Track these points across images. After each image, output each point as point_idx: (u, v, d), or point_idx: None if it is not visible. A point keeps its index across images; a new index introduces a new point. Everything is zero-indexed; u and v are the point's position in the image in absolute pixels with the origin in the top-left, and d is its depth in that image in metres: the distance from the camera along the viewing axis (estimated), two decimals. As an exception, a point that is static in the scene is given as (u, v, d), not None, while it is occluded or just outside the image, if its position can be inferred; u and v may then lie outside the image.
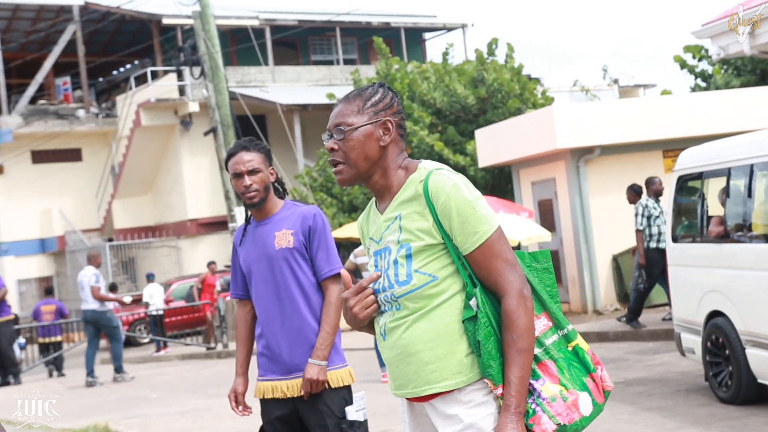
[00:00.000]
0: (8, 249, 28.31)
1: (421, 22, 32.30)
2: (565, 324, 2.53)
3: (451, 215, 2.45)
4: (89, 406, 11.80)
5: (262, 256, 4.02)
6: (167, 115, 27.12)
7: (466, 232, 2.45)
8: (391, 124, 2.58)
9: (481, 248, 2.45)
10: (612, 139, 14.53)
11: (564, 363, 2.48)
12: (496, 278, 2.45)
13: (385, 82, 2.69)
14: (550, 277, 2.61)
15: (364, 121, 2.56)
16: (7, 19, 29.94)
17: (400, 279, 2.51)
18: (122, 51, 30.84)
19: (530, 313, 2.43)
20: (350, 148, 2.55)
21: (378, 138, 2.56)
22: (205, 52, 17.84)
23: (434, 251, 2.49)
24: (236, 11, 28.76)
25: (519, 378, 2.38)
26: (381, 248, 2.59)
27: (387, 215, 2.58)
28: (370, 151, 2.55)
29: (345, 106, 2.60)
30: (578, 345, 2.52)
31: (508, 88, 19.43)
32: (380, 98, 2.60)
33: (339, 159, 2.58)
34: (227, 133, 17.80)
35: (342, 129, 2.56)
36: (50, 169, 28.66)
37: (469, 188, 2.50)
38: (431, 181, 2.49)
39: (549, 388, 2.44)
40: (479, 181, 19.24)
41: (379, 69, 21.59)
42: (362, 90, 2.63)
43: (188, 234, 27.15)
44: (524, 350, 2.40)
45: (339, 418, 3.94)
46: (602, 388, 2.51)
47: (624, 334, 11.83)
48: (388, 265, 2.55)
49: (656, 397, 7.80)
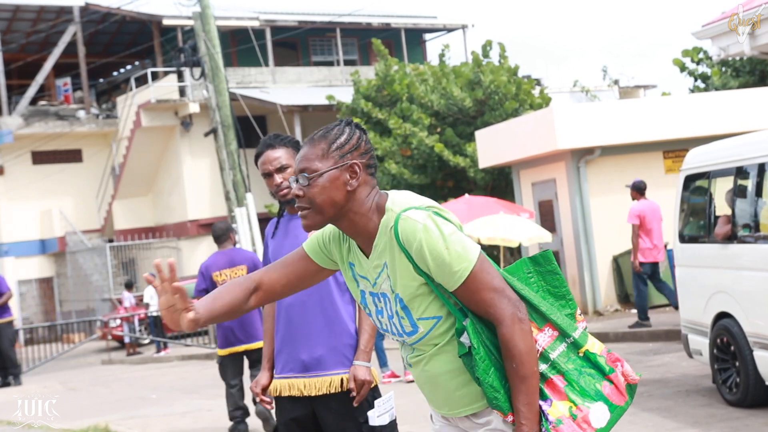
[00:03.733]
0: (8, 250, 28.30)
1: (421, 23, 32.29)
2: (571, 331, 2.46)
3: (427, 260, 2.39)
4: (89, 406, 11.81)
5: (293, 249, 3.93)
6: (167, 116, 27.13)
7: (445, 272, 2.39)
8: (358, 167, 2.48)
9: (465, 285, 2.39)
10: (612, 139, 14.54)
11: (575, 373, 2.43)
12: (486, 309, 2.40)
13: (352, 121, 2.58)
14: (557, 278, 2.55)
15: (329, 166, 2.46)
16: (8, 20, 29.94)
17: (407, 330, 2.51)
18: (122, 52, 30.84)
19: (527, 336, 2.38)
20: (315, 194, 2.47)
21: (345, 182, 2.47)
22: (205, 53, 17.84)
23: (427, 295, 2.45)
24: (237, 12, 28.77)
25: (526, 405, 2.36)
26: (378, 293, 2.55)
27: (373, 262, 2.51)
28: (337, 197, 2.46)
29: (310, 149, 2.50)
30: (588, 350, 2.46)
31: (504, 89, 19.43)
32: (346, 139, 2.50)
33: (305, 205, 2.50)
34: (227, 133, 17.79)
35: (306, 176, 2.47)
36: (51, 170, 28.66)
37: (441, 226, 2.41)
38: (400, 228, 2.41)
39: (556, 408, 2.39)
40: (479, 183, 19.25)
41: (378, 70, 21.59)
42: (328, 131, 2.53)
43: (188, 235, 27.15)
44: (527, 376, 2.36)
45: (360, 422, 3.77)
46: (625, 383, 2.46)
47: (624, 335, 11.84)
48: (392, 314, 2.53)
49: (656, 398, 7.80)
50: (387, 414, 3.72)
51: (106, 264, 26.94)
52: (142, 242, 27.59)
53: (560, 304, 2.53)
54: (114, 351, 20.89)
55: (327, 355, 3.81)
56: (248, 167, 18.18)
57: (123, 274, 27.51)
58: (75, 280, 28.17)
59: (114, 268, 27.11)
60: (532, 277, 2.54)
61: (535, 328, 2.45)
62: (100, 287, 27.10)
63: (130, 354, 19.86)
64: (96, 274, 27.31)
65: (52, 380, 16.08)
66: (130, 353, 19.94)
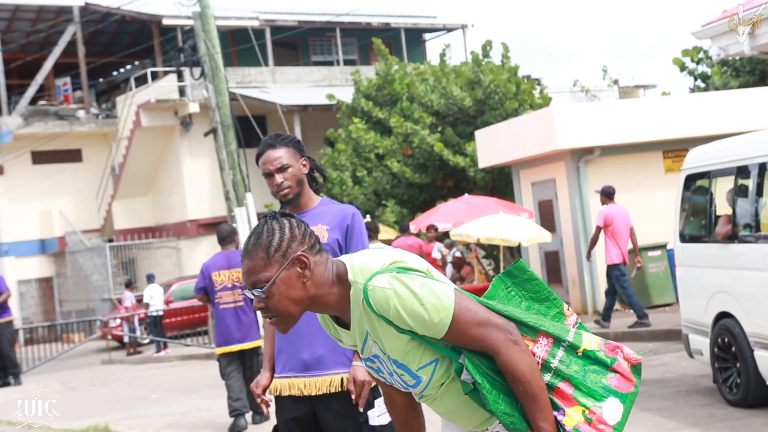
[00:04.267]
0: (8, 250, 28.30)
1: (421, 23, 32.29)
2: (564, 335, 2.46)
3: (406, 321, 2.38)
4: (89, 406, 11.81)
5: None
6: (167, 115, 27.12)
7: (428, 328, 2.39)
8: (305, 257, 2.42)
9: (450, 330, 2.39)
10: (612, 139, 14.54)
11: (579, 375, 2.43)
12: (479, 345, 2.41)
13: (275, 213, 2.51)
14: (536, 283, 2.55)
15: (276, 271, 2.40)
16: (7, 20, 29.94)
17: (410, 383, 2.53)
18: (122, 52, 30.84)
19: (526, 356, 2.38)
20: (277, 302, 2.42)
21: (298, 276, 2.42)
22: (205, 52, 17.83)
23: (418, 347, 2.46)
24: (236, 12, 28.76)
25: (544, 420, 2.37)
26: (370, 356, 2.55)
27: (356, 332, 2.50)
28: (297, 294, 2.42)
29: (250, 262, 2.42)
30: (586, 348, 2.46)
31: (504, 89, 19.43)
32: (280, 237, 2.42)
33: (271, 315, 2.45)
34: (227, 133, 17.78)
35: (260, 290, 2.41)
36: (50, 170, 28.65)
37: (409, 284, 2.37)
38: (371, 300, 2.38)
39: (570, 417, 2.40)
40: (479, 182, 19.24)
41: (378, 70, 21.60)
42: (257, 238, 2.43)
43: (188, 235, 27.14)
44: (536, 394, 2.37)
45: (360, 422, 3.78)
46: (629, 366, 2.46)
47: (624, 334, 11.84)
48: (391, 371, 2.54)
49: (656, 398, 7.80)
50: (387, 414, 3.70)
51: (105, 264, 26.94)
52: (141, 242, 27.58)
53: (546, 306, 2.53)
54: (114, 351, 20.88)
55: (327, 355, 3.79)
56: (248, 167, 18.18)
57: (123, 274, 27.51)
58: (75, 280, 28.16)
59: (114, 268, 27.11)
60: (512, 291, 2.54)
61: (530, 341, 2.45)
62: (99, 287, 27.09)
63: (130, 354, 19.84)
64: (96, 274, 27.31)
65: (52, 380, 16.07)
66: (130, 353, 19.93)
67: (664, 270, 14.22)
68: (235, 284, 8.58)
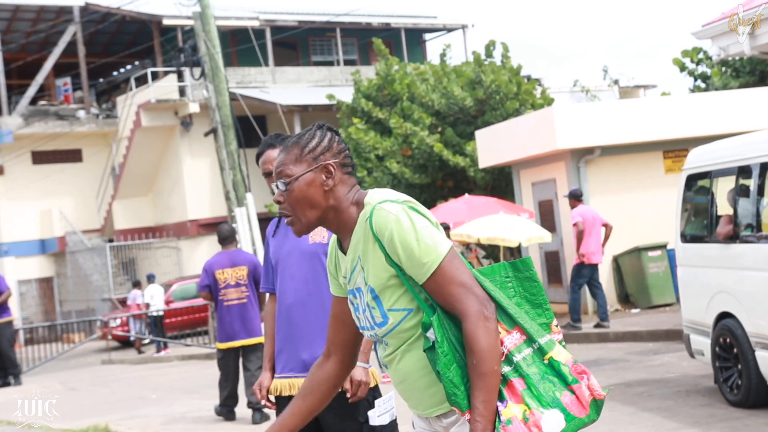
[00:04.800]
0: (8, 250, 28.31)
1: (421, 23, 32.30)
2: (538, 337, 2.44)
3: (397, 249, 2.43)
4: (89, 406, 11.81)
5: (293, 249, 3.92)
6: (167, 115, 27.13)
7: (414, 264, 2.42)
8: (332, 167, 2.56)
9: (433, 277, 2.42)
10: (612, 139, 14.54)
11: (536, 377, 2.40)
12: (453, 304, 2.41)
13: (325, 124, 2.66)
14: (535, 285, 2.54)
15: (304, 170, 2.56)
16: (8, 20, 29.95)
17: (377, 321, 2.53)
18: (122, 52, 30.84)
19: (491, 334, 2.37)
20: (294, 199, 2.56)
21: (321, 183, 2.55)
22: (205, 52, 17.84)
23: (398, 287, 2.48)
24: (236, 12, 28.77)
25: (482, 402, 2.34)
26: (353, 288, 2.60)
27: (349, 256, 2.58)
28: (315, 199, 2.55)
29: (285, 156, 2.60)
30: (553, 357, 2.43)
31: (505, 89, 19.43)
32: (317, 142, 2.58)
33: (287, 211, 2.59)
34: (227, 133, 17.79)
35: (283, 181, 2.57)
36: (51, 170, 28.67)
37: (413, 218, 2.46)
38: (374, 217, 2.47)
39: (510, 410, 2.36)
40: (479, 182, 19.24)
41: (378, 70, 21.59)
42: (300, 136, 2.61)
43: (188, 235, 27.15)
44: (486, 374, 2.34)
45: (361, 422, 3.78)
46: (591, 398, 2.41)
47: (624, 334, 11.85)
48: (365, 307, 2.56)
49: (656, 398, 7.80)
50: (387, 414, 3.70)
51: (106, 264, 26.94)
52: (142, 242, 27.59)
53: (536, 312, 2.52)
54: (114, 351, 20.89)
55: None
56: (248, 167, 18.19)
57: (123, 274, 27.52)
58: (75, 280, 28.17)
59: (114, 268, 27.12)
60: (510, 282, 2.54)
61: (503, 330, 2.44)
62: (100, 287, 27.10)
63: (141, 352, 19.85)
64: (96, 274, 27.32)
65: (52, 380, 16.08)
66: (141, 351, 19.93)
67: (664, 270, 14.22)
68: (239, 282, 8.88)
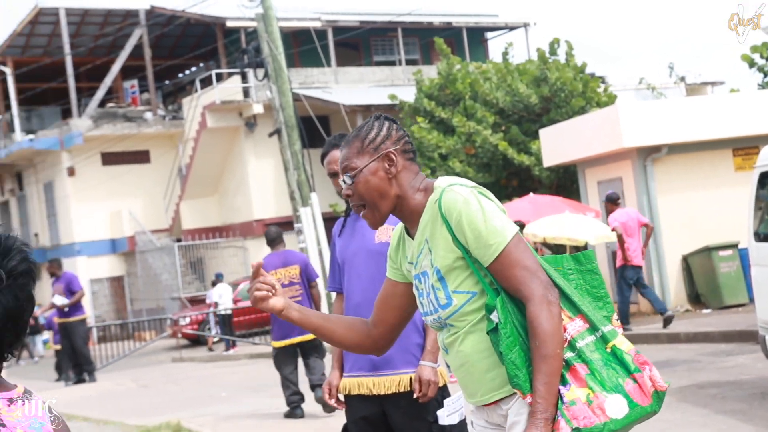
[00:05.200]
0: (81, 249, 28.94)
1: (482, 22, 32.19)
2: (601, 325, 2.49)
3: (465, 230, 2.49)
4: (161, 403, 12.03)
5: (360, 249, 3.95)
6: (232, 116, 27.46)
7: (480, 245, 2.48)
8: (393, 155, 2.62)
9: (498, 259, 2.47)
10: (680, 137, 14.36)
11: (599, 364, 2.44)
12: (517, 287, 2.45)
13: (381, 114, 2.72)
14: (597, 278, 2.58)
15: (367, 161, 2.62)
16: (76, 24, 30.59)
17: (442, 303, 2.57)
18: (187, 54, 31.30)
19: (554, 318, 2.40)
20: (363, 190, 2.63)
21: (385, 172, 2.62)
22: (268, 54, 18.03)
23: (463, 269, 2.53)
24: (299, 13, 28.99)
25: (544, 384, 2.37)
26: (419, 272, 2.65)
27: (417, 240, 2.63)
28: (382, 188, 2.62)
29: (347, 150, 2.67)
30: (616, 345, 2.47)
31: (571, 87, 19.29)
32: (377, 133, 2.65)
33: (358, 203, 2.66)
34: (291, 134, 17.96)
35: (349, 175, 2.64)
36: (119, 171, 29.22)
37: (482, 201, 2.51)
38: (443, 199, 2.53)
39: (573, 392, 2.40)
40: (544, 181, 19.13)
41: (440, 69, 21.59)
42: (359, 130, 2.68)
43: (254, 234, 27.43)
44: (548, 356, 2.37)
45: (430, 422, 3.78)
46: (653, 389, 2.44)
47: (695, 335, 11.68)
48: (429, 290, 2.61)
49: (730, 400, 7.69)
50: (456, 413, 3.71)
51: (174, 263, 27.36)
52: (209, 242, 27.96)
53: (597, 306, 2.55)
54: (184, 349, 21.22)
55: (396, 355, 3.79)
56: (312, 167, 18.33)
57: (191, 273, 27.94)
58: (145, 279, 28.67)
59: (182, 268, 27.52)
60: (572, 274, 2.58)
61: (566, 317, 2.48)
62: (169, 286, 27.54)
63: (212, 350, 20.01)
64: (165, 273, 27.77)
65: (125, 377, 16.41)
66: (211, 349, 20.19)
67: (735, 270, 14.00)
68: (292, 281, 9.16)
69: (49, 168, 30.25)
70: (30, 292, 1.81)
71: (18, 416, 1.76)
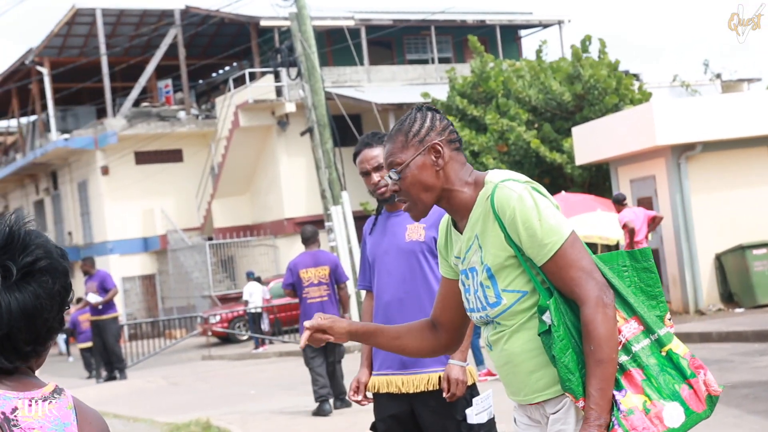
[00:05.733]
0: (113, 248, 29.19)
1: (516, 20, 32.03)
2: (657, 328, 2.41)
3: (519, 229, 2.41)
4: (190, 401, 12.08)
5: (390, 247, 3.93)
6: (264, 115, 27.55)
7: (535, 244, 2.40)
8: (439, 146, 2.54)
9: (553, 259, 2.39)
10: (714, 135, 14.17)
11: (656, 369, 2.37)
12: (572, 288, 2.38)
13: (423, 105, 2.65)
14: (652, 276, 2.50)
15: (412, 155, 2.54)
16: (112, 25, 30.86)
17: (491, 301, 2.50)
18: (221, 53, 31.46)
19: (610, 321, 2.34)
20: (409, 185, 2.55)
21: (432, 164, 2.54)
22: (301, 53, 18.05)
23: (515, 267, 2.46)
24: (332, 12, 29.02)
25: (599, 390, 2.30)
26: (467, 268, 2.58)
27: (466, 235, 2.56)
28: (429, 181, 2.54)
29: (391, 145, 2.59)
30: (671, 350, 2.40)
31: (604, 84, 19.13)
32: (420, 125, 2.57)
33: (404, 198, 2.59)
34: (323, 132, 17.97)
35: (395, 171, 2.56)
36: (152, 170, 29.42)
37: (536, 198, 2.43)
38: (496, 195, 2.45)
39: (630, 399, 2.33)
40: (576, 179, 18.99)
41: (474, 67, 21.51)
42: (401, 123, 2.61)
43: (285, 233, 27.51)
44: (603, 361, 2.31)
45: (459, 420, 3.76)
46: (706, 393, 2.38)
47: (728, 334, 11.52)
48: (477, 287, 2.54)
49: (763, 401, 7.56)
50: (485, 412, 3.69)
51: (205, 261, 27.50)
52: (240, 240, 28.08)
53: (651, 305, 2.48)
54: (214, 347, 21.32)
55: None
56: (344, 166, 18.33)
57: (222, 272, 28.07)
58: (176, 278, 28.85)
59: (213, 266, 27.66)
60: (627, 271, 2.50)
61: (621, 318, 2.41)
62: (200, 284, 27.70)
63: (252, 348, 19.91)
64: (196, 271, 27.93)
65: (155, 375, 16.50)
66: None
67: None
68: (321, 281, 9.36)
69: (83, 167, 30.55)
70: (51, 290, 1.76)
71: (37, 416, 1.72)
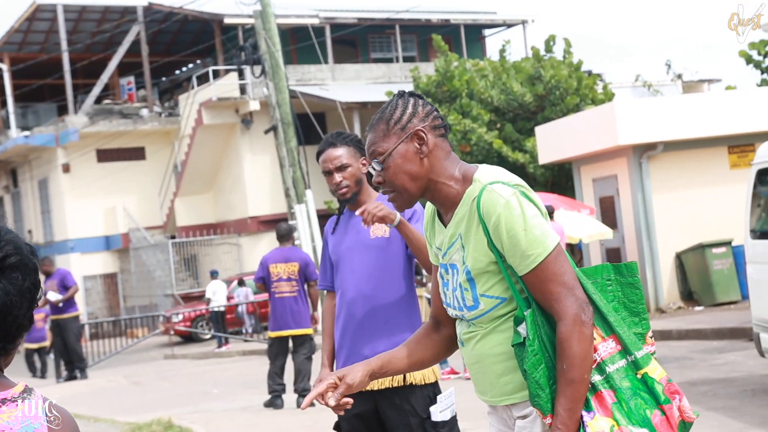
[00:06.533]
0: (74, 246, 28.89)
1: (480, 19, 32.15)
2: (634, 349, 2.34)
3: (502, 237, 2.32)
4: (153, 400, 11.99)
5: (355, 244, 3.91)
6: (228, 113, 27.41)
7: (518, 254, 2.32)
8: (423, 133, 2.43)
9: (535, 271, 2.31)
10: (675, 134, 14.33)
11: (628, 393, 2.30)
12: (551, 303, 2.30)
13: (404, 91, 2.55)
14: (636, 292, 2.43)
15: (394, 143, 2.44)
16: (74, 21, 30.53)
17: (468, 304, 2.44)
18: (184, 51, 31.25)
19: (586, 341, 2.27)
20: (393, 175, 2.45)
21: (416, 152, 2.44)
22: (265, 51, 17.98)
23: (495, 273, 2.39)
24: (296, 10, 28.94)
25: (567, 410, 2.25)
26: (447, 263, 2.51)
27: (450, 230, 2.48)
28: (413, 170, 2.44)
29: (373, 134, 2.50)
30: (647, 373, 2.33)
31: (565, 84, 19.26)
32: (401, 112, 2.47)
33: (388, 189, 2.49)
34: (287, 131, 17.91)
35: (377, 161, 2.47)
36: (115, 168, 29.17)
37: (524, 206, 2.33)
38: (483, 199, 2.35)
39: (597, 423, 2.26)
40: (539, 179, 19.11)
41: (438, 66, 21.55)
42: (383, 111, 2.51)
43: (249, 231, 27.41)
44: (575, 381, 2.25)
45: (423, 418, 3.76)
46: (680, 419, 2.32)
47: (688, 332, 11.66)
48: (456, 286, 2.48)
49: (721, 397, 7.66)
50: (449, 410, 3.68)
51: (168, 260, 27.33)
52: (203, 239, 27.93)
53: (633, 321, 2.42)
54: (176, 346, 21.18)
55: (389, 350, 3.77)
56: (308, 164, 18.29)
57: (184, 270, 27.90)
58: (138, 276, 28.63)
59: (176, 264, 27.49)
60: (611, 285, 2.44)
61: (599, 336, 2.35)
62: (162, 283, 27.51)
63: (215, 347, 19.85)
64: (158, 270, 27.73)
65: (117, 374, 16.37)
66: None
67: (729, 267, 13.97)
68: (290, 276, 9.56)
69: (44, 164, 30.20)
70: (21, 287, 1.72)
71: (11, 417, 1.68)
